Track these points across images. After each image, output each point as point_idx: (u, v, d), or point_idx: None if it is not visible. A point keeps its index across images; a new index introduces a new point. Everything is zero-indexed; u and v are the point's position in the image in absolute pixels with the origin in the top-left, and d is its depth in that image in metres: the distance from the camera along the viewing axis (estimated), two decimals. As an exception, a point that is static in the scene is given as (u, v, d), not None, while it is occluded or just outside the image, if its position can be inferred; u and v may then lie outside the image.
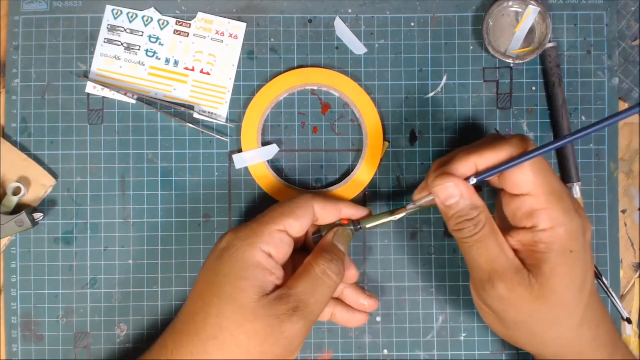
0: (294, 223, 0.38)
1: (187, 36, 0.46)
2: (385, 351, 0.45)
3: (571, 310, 0.35)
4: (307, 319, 0.36)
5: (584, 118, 0.46)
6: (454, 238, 0.37)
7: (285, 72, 0.45)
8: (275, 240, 0.37)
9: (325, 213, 0.40)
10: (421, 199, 0.39)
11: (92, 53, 0.46)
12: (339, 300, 0.43)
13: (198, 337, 0.35)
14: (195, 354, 0.35)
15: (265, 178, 0.45)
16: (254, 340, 0.35)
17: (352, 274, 0.42)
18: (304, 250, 0.42)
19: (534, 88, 0.46)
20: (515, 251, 0.36)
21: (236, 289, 0.35)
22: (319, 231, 0.41)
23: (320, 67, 0.46)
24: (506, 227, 0.37)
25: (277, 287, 0.37)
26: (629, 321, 0.45)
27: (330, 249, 0.39)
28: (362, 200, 0.45)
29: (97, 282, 0.45)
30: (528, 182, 0.34)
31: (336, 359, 0.45)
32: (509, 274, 0.35)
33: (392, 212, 0.41)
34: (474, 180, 0.35)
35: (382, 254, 0.46)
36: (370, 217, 0.41)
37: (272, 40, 0.46)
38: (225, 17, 0.46)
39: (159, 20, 0.46)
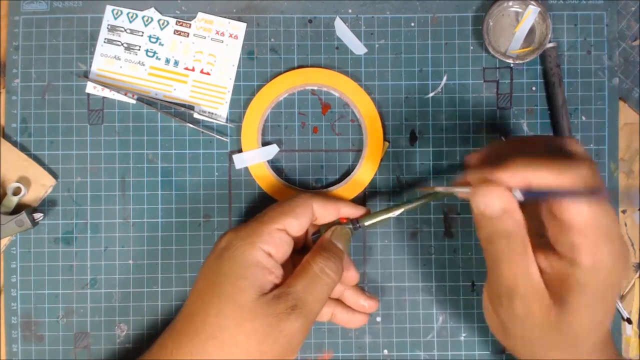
0: (294, 222, 0.38)
1: (187, 36, 0.46)
2: (385, 351, 0.45)
3: (580, 343, 0.34)
4: (306, 317, 0.36)
5: (584, 118, 0.46)
6: (480, 244, 0.34)
7: (285, 72, 0.45)
8: (274, 239, 0.37)
9: (324, 212, 0.40)
10: (447, 190, 0.36)
11: (92, 53, 0.46)
12: (338, 301, 0.43)
13: (197, 337, 0.35)
14: (194, 354, 0.35)
15: (265, 178, 0.45)
16: (253, 340, 0.35)
17: (352, 275, 0.42)
18: (304, 250, 0.42)
19: (534, 88, 0.46)
20: (543, 271, 0.33)
21: (235, 288, 0.35)
22: (319, 231, 0.41)
23: (320, 67, 0.46)
24: (538, 235, 0.34)
25: (276, 286, 0.37)
26: (629, 321, 0.45)
27: (328, 247, 0.39)
28: (362, 200, 0.45)
29: (97, 282, 0.45)
30: (581, 216, 0.31)
31: (336, 359, 0.45)
32: (530, 297, 0.33)
33: (389, 209, 0.41)
34: (519, 195, 0.32)
35: (382, 254, 0.46)
36: (368, 215, 0.41)
37: (272, 40, 0.46)
38: (225, 17, 0.46)
39: (159, 20, 0.46)
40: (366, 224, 0.41)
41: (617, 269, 0.32)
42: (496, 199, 0.32)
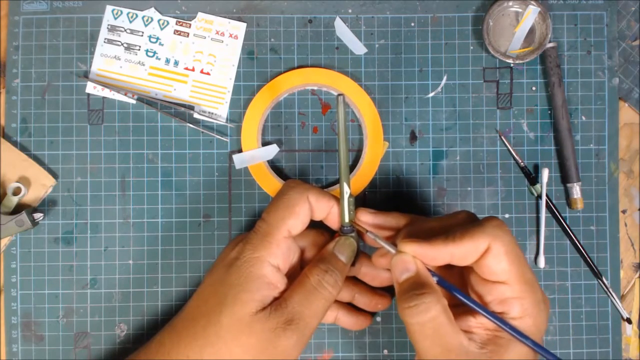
0: (296, 222, 0.38)
1: (187, 36, 0.46)
2: (385, 351, 0.45)
3: None
4: (302, 332, 0.35)
5: (584, 118, 0.46)
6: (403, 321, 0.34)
7: (285, 72, 0.45)
8: (282, 249, 0.37)
9: (319, 205, 0.39)
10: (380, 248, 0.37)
11: (92, 53, 0.46)
12: (342, 304, 0.43)
13: (195, 342, 0.36)
14: (191, 357, 0.35)
15: (265, 178, 0.45)
16: (248, 354, 0.35)
17: (382, 277, 0.41)
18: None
19: (534, 88, 0.46)
20: (472, 333, 0.34)
21: (237, 300, 0.35)
22: (342, 225, 0.39)
23: (320, 67, 0.46)
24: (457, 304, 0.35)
25: (276, 299, 0.36)
26: (629, 321, 0.45)
27: (328, 259, 0.38)
28: (362, 200, 0.45)
29: (97, 282, 0.45)
30: (504, 271, 0.33)
31: (336, 359, 0.45)
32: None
33: (341, 197, 0.39)
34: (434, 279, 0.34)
35: (382, 254, 0.46)
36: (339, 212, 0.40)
37: (272, 40, 0.46)
38: (225, 17, 0.46)
39: (159, 20, 0.46)
40: (346, 219, 0.39)
41: (543, 314, 0.34)
42: (409, 264, 0.34)
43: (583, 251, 0.45)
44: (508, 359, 0.33)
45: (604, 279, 0.45)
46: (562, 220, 0.45)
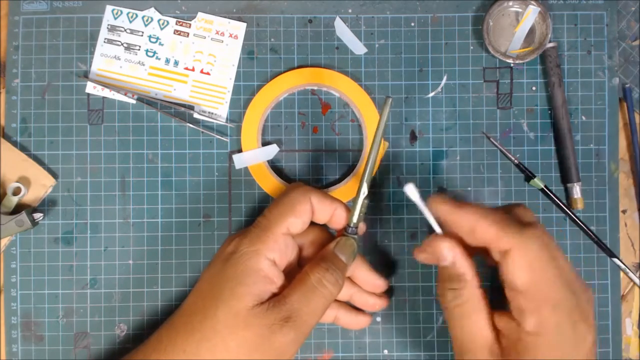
0: (296, 221, 0.38)
1: (187, 36, 0.46)
2: (385, 351, 0.45)
3: None
4: (299, 329, 0.35)
5: (584, 118, 0.46)
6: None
7: (285, 72, 0.45)
8: (280, 245, 0.37)
9: (321, 207, 0.39)
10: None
11: (92, 53, 0.46)
12: (342, 303, 0.43)
13: (192, 337, 0.36)
14: (187, 352, 0.35)
15: (265, 178, 0.45)
16: (243, 349, 0.35)
17: (377, 284, 0.42)
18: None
19: (534, 88, 0.46)
20: (500, 332, 0.34)
21: (234, 294, 0.35)
22: (348, 225, 0.39)
23: (320, 67, 0.46)
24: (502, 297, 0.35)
25: (274, 295, 0.36)
26: None
27: (329, 258, 0.38)
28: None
29: (97, 282, 0.45)
30: (522, 283, 0.33)
31: (336, 359, 0.45)
32: (478, 354, 0.34)
33: (357, 195, 0.39)
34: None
35: (382, 254, 0.45)
36: (350, 213, 0.39)
37: (272, 40, 0.46)
38: (225, 17, 0.46)
39: (159, 20, 0.46)
40: (355, 219, 0.39)
41: (567, 338, 0.32)
42: (447, 250, 0.35)
43: (589, 231, 0.45)
44: None
45: (618, 257, 0.45)
46: (563, 206, 0.45)
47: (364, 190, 0.39)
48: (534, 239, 0.33)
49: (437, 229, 0.36)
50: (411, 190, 0.36)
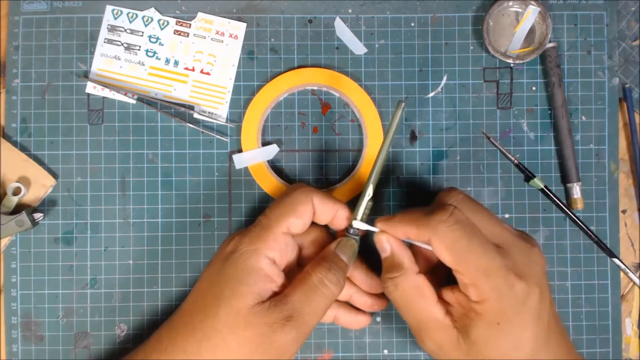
0: (297, 221, 0.38)
1: (187, 36, 0.46)
2: (385, 351, 0.45)
3: None
4: (300, 329, 0.35)
5: (584, 118, 0.46)
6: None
7: (285, 72, 0.45)
8: (279, 244, 0.37)
9: (323, 208, 0.39)
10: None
11: (92, 53, 0.46)
12: (342, 303, 0.43)
13: (193, 336, 0.36)
14: (188, 352, 0.35)
15: (265, 178, 0.45)
16: (244, 348, 0.35)
17: (373, 284, 0.42)
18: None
19: (534, 88, 0.46)
20: (452, 307, 0.36)
21: (235, 293, 0.35)
22: (350, 227, 0.40)
23: (320, 67, 0.46)
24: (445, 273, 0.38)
25: (275, 294, 0.36)
26: None
27: (331, 258, 0.38)
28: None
29: (97, 282, 0.45)
30: (449, 262, 0.35)
31: (336, 359, 0.45)
32: (436, 333, 0.36)
33: (361, 198, 0.39)
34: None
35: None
36: (352, 214, 0.40)
37: (272, 40, 0.46)
38: (225, 17, 0.46)
39: (159, 20, 0.46)
40: (358, 218, 0.39)
41: (507, 296, 0.34)
42: (385, 242, 0.38)
43: (589, 231, 0.45)
44: (474, 334, 0.35)
45: (618, 257, 0.45)
46: (563, 206, 0.45)
47: (369, 192, 0.39)
48: (441, 223, 0.35)
49: (374, 229, 0.39)
50: (360, 224, 0.39)
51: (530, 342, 0.35)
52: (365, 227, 0.39)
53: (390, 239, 0.38)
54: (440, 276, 0.39)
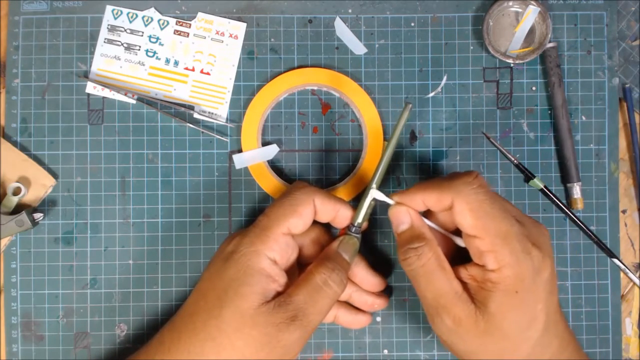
0: (298, 222, 0.38)
1: (187, 36, 0.46)
2: (385, 351, 0.45)
3: (518, 346, 0.35)
4: (305, 328, 0.36)
5: (584, 118, 0.46)
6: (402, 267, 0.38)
7: (285, 72, 0.45)
8: (280, 244, 0.37)
9: (325, 208, 0.39)
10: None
11: (92, 53, 0.46)
12: (342, 303, 0.43)
13: (196, 337, 0.36)
14: (192, 353, 0.35)
15: (265, 178, 0.45)
16: (250, 347, 0.35)
17: (374, 282, 0.42)
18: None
19: (534, 88, 0.46)
20: (467, 284, 0.36)
21: (238, 294, 0.35)
22: (351, 226, 0.40)
23: (320, 67, 0.46)
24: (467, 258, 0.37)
25: (279, 294, 0.36)
26: None
27: (334, 258, 0.38)
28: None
29: (97, 282, 0.45)
30: (470, 226, 0.35)
31: (336, 359, 0.45)
32: (455, 308, 0.35)
33: (364, 197, 0.40)
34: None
35: (382, 254, 0.46)
36: (355, 212, 0.40)
37: (272, 40, 0.46)
38: (225, 17, 0.46)
39: (159, 20, 0.46)
40: (360, 219, 0.39)
41: (524, 264, 0.34)
42: (404, 214, 0.38)
43: (589, 231, 0.45)
44: (491, 306, 0.35)
45: (618, 257, 0.45)
46: (563, 206, 0.45)
47: (373, 192, 0.39)
48: (466, 185, 0.36)
49: (390, 201, 0.39)
50: (378, 194, 0.39)
51: (543, 314, 0.35)
52: (382, 197, 0.39)
53: (410, 210, 0.38)
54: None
